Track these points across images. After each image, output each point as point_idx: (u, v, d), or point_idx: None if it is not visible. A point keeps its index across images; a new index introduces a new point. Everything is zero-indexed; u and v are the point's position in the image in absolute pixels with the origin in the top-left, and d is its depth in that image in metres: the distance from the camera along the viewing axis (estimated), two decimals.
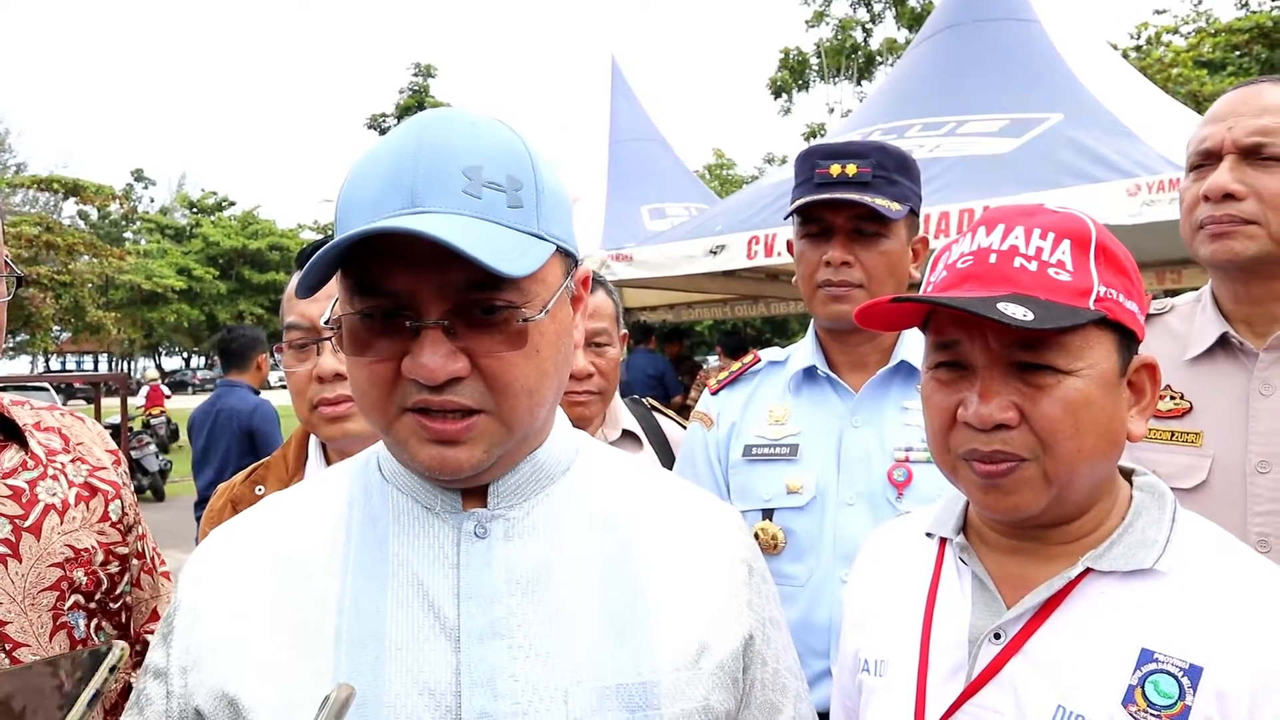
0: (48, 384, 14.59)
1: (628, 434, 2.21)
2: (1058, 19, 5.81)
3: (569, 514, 0.95)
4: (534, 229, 0.83)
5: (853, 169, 1.67)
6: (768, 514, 1.73)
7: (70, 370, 49.18)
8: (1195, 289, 1.67)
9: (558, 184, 0.89)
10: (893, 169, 1.69)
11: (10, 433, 1.36)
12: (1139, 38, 18.02)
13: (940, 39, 6.01)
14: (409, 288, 0.81)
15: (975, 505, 1.03)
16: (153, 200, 51.76)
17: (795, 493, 1.71)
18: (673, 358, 9.74)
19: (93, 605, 1.38)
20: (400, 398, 0.84)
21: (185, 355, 53.84)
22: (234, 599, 0.91)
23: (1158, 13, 18.98)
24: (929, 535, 1.12)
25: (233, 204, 41.46)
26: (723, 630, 0.94)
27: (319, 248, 1.55)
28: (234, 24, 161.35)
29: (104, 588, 1.39)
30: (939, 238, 4.48)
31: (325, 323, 1.54)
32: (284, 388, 1.68)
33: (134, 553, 1.49)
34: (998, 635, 0.98)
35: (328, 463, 1.68)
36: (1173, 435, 1.56)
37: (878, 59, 22.73)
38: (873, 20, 22.95)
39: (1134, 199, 4.14)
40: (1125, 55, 15.38)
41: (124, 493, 1.48)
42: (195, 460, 5.04)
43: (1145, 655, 0.90)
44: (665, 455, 2.25)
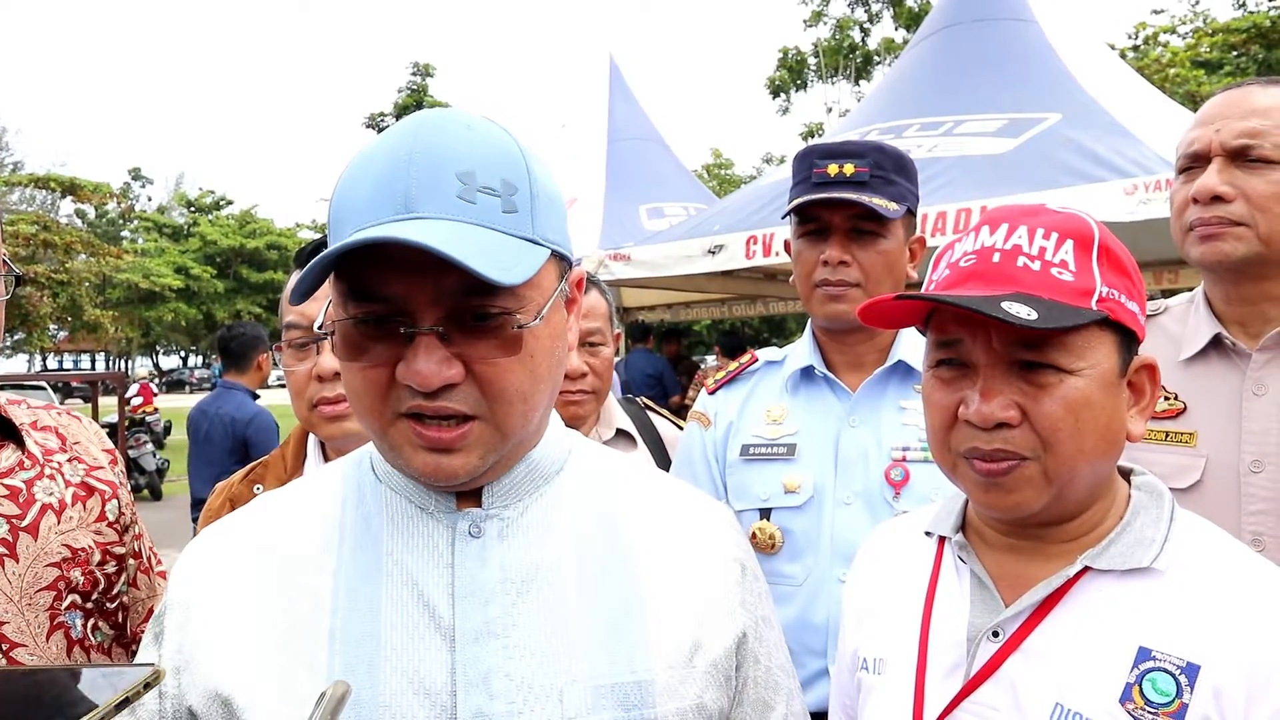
0: (45, 383, 14.60)
1: (622, 433, 2.21)
2: (1055, 19, 5.82)
3: (563, 514, 0.95)
4: (529, 234, 0.83)
5: (850, 168, 1.67)
6: (765, 513, 1.73)
7: (67, 369, 49.12)
8: (1192, 289, 1.67)
9: (552, 186, 0.89)
10: (890, 169, 1.69)
11: (7, 432, 1.36)
12: (1137, 38, 18.03)
13: (938, 39, 6.02)
14: (403, 294, 0.80)
15: (975, 504, 1.03)
16: (150, 199, 51.73)
17: (793, 492, 1.71)
18: (671, 357, 9.73)
19: (90, 605, 1.37)
20: (395, 403, 0.83)
21: (183, 354, 53.80)
22: (226, 598, 0.91)
23: (1155, 13, 19.03)
24: (928, 534, 1.13)
25: (230, 203, 41.36)
26: (716, 629, 0.95)
27: (318, 248, 1.56)
28: (232, 23, 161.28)
29: (101, 587, 1.39)
30: (936, 237, 4.49)
31: (319, 327, 1.54)
32: (283, 387, 1.67)
33: (131, 552, 1.48)
34: (996, 633, 0.99)
35: (326, 461, 1.67)
36: (1167, 435, 1.57)
37: (875, 59, 22.70)
38: (870, 20, 22.92)
39: (1131, 198, 4.15)
40: (1123, 55, 15.40)
41: (121, 492, 1.48)
42: (189, 461, 4.90)
43: (1143, 653, 0.91)
44: (659, 454, 2.25)
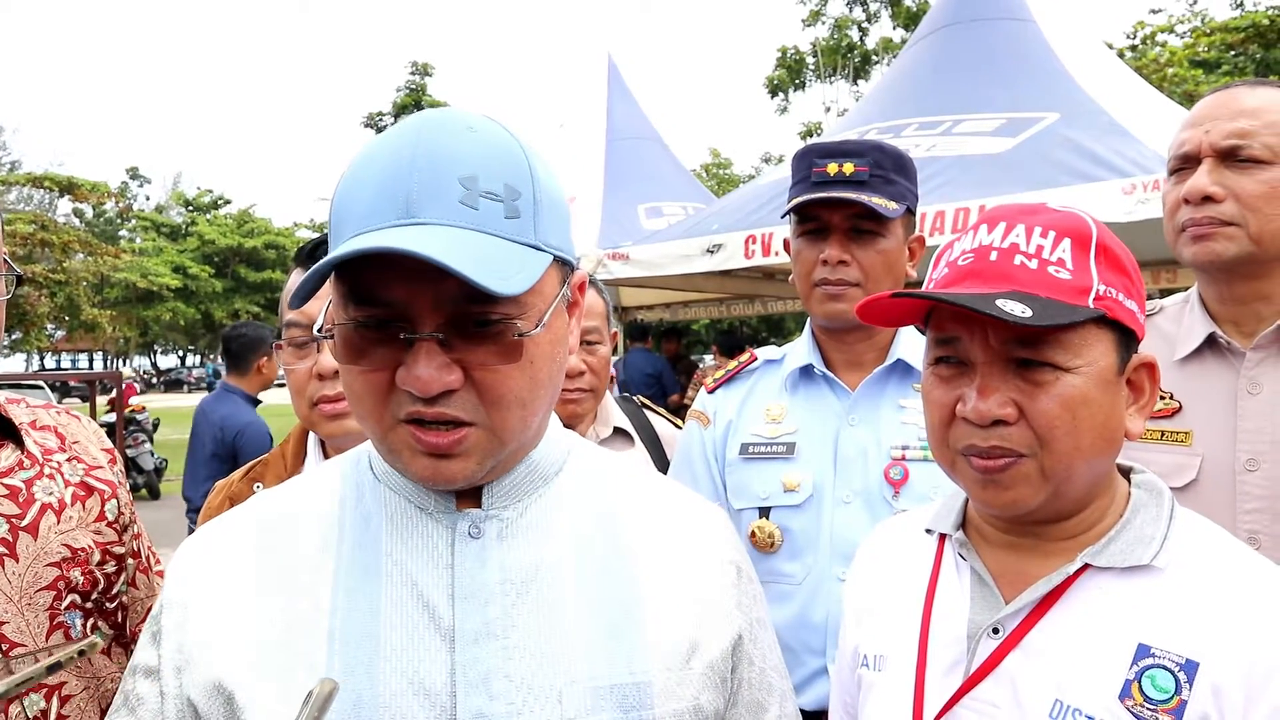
0: (43, 382, 14.58)
1: (619, 432, 2.21)
2: (1054, 18, 5.82)
3: (562, 515, 0.95)
4: (531, 240, 0.82)
5: (850, 168, 1.67)
6: (764, 512, 1.73)
7: (65, 368, 49.04)
8: (1189, 288, 1.67)
9: (555, 189, 0.88)
10: (890, 168, 1.69)
11: (7, 431, 1.36)
12: (1135, 37, 18.05)
13: (936, 38, 6.02)
14: (404, 299, 0.80)
15: (973, 500, 1.04)
16: (148, 198, 51.77)
17: (792, 491, 1.71)
18: (670, 356, 9.74)
19: (89, 605, 1.37)
20: (394, 407, 0.83)
21: (181, 353, 53.75)
22: (225, 598, 0.90)
23: (1153, 12, 19.05)
24: (928, 531, 1.13)
25: (228, 202, 41.40)
26: (713, 630, 0.95)
27: (318, 246, 1.56)
28: (230, 22, 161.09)
29: (100, 587, 1.39)
30: (935, 237, 4.49)
31: (319, 329, 1.53)
32: (282, 386, 1.67)
33: (130, 552, 1.48)
34: (996, 630, 0.99)
35: (326, 460, 1.67)
36: (1163, 435, 1.57)
37: (874, 58, 22.73)
38: (869, 19, 22.95)
39: (1129, 198, 4.15)
40: (1121, 55, 15.40)
41: (120, 492, 1.48)
42: (186, 461, 4.78)
43: (1142, 650, 0.91)
44: (656, 453, 2.25)
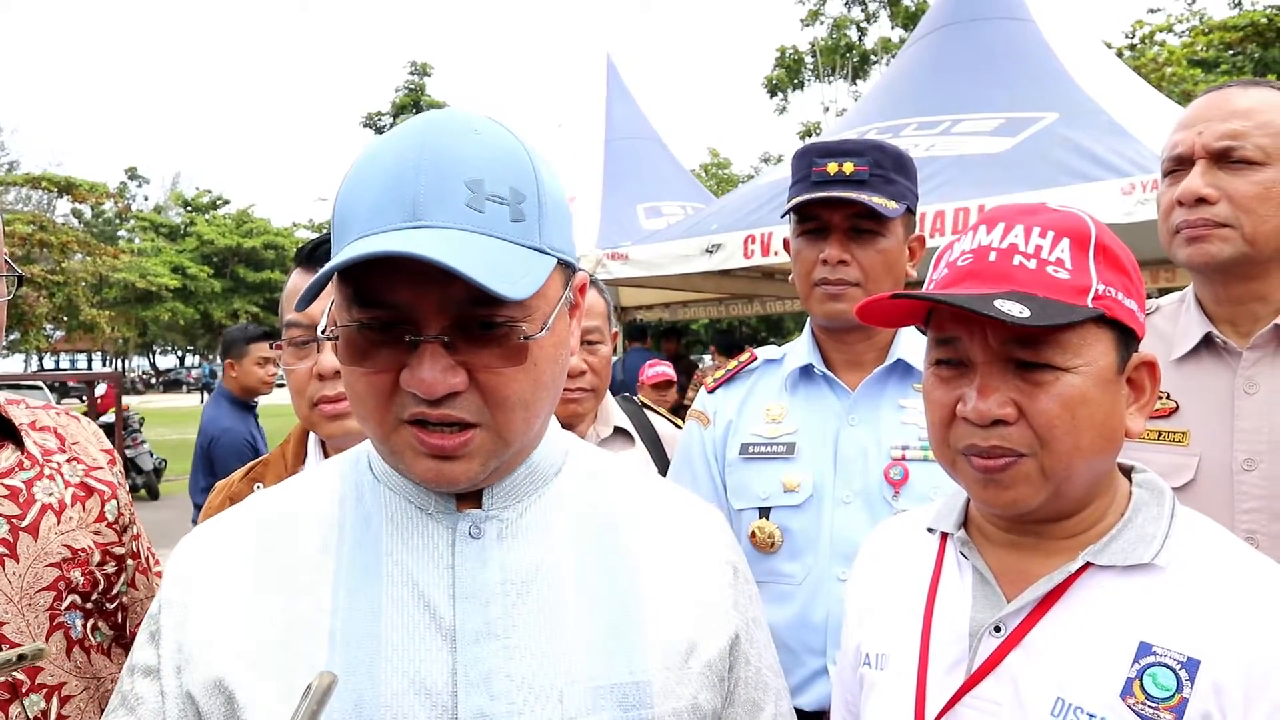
0: (42, 382, 14.58)
1: (620, 431, 2.21)
2: (1052, 18, 5.82)
3: (561, 515, 0.95)
4: (536, 243, 0.82)
5: (850, 167, 1.67)
6: (764, 512, 1.73)
7: (64, 369, 49.01)
8: (1187, 287, 1.67)
9: (559, 192, 0.88)
10: (890, 167, 1.69)
11: (7, 432, 1.36)
12: (1133, 36, 18.05)
13: (935, 38, 6.02)
14: (409, 302, 0.80)
15: (974, 500, 1.04)
16: (147, 198, 51.74)
17: (792, 491, 1.71)
18: (669, 356, 9.73)
19: (89, 605, 1.37)
20: (397, 409, 0.83)
21: (180, 353, 53.73)
22: (224, 598, 0.90)
23: (1152, 11, 19.08)
24: (930, 530, 1.13)
25: (227, 202, 41.33)
26: (711, 630, 0.95)
27: (318, 246, 1.55)
28: (229, 22, 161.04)
29: (101, 588, 1.39)
30: (935, 237, 4.49)
31: (321, 330, 1.53)
32: (282, 386, 1.67)
33: (130, 553, 1.48)
34: (998, 628, 0.99)
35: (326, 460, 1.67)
36: (1160, 435, 1.57)
37: (873, 58, 22.72)
38: (867, 19, 22.94)
39: (1129, 198, 4.16)
40: (1120, 54, 15.41)
41: (120, 493, 1.48)
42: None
43: (1144, 648, 0.91)
44: (657, 452, 2.25)
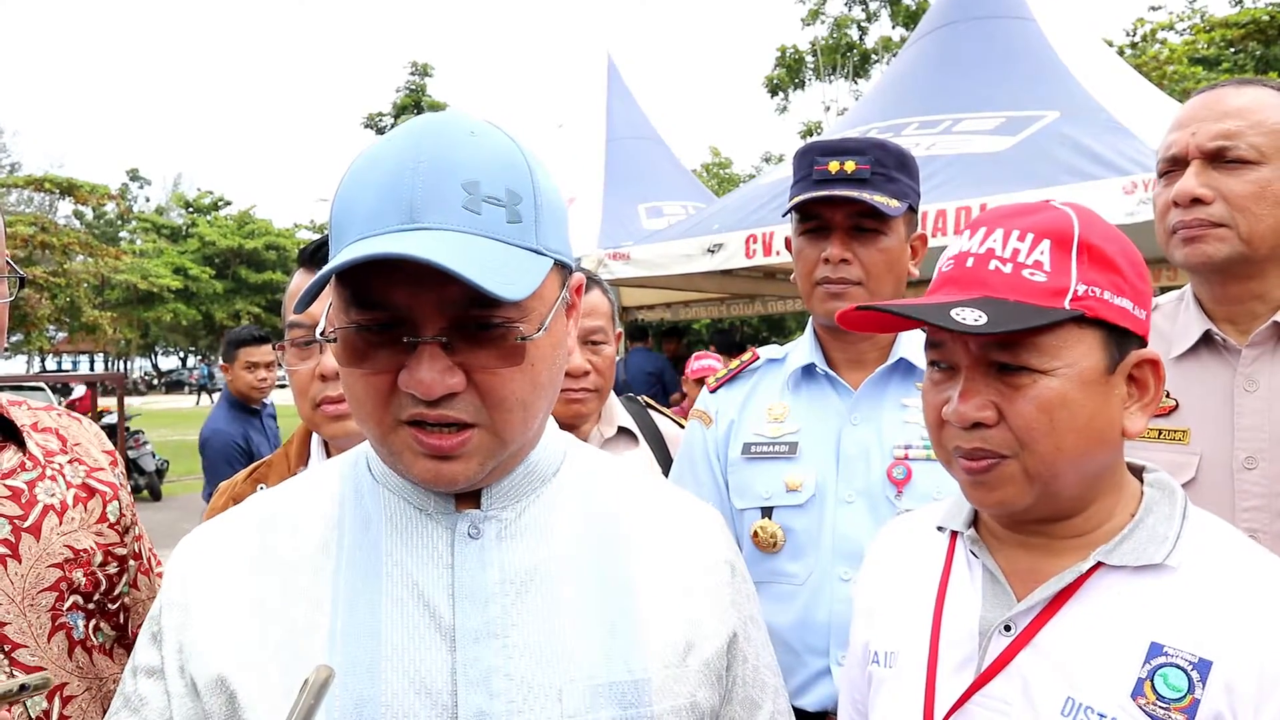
0: (43, 384, 14.57)
1: (623, 431, 2.21)
2: (1053, 16, 5.83)
3: (560, 515, 0.96)
4: (532, 244, 0.83)
5: (851, 165, 1.66)
6: (767, 512, 1.73)
7: (66, 370, 49.06)
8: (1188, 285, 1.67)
9: (555, 193, 0.89)
10: (891, 166, 1.68)
11: (9, 433, 1.36)
12: (1134, 35, 18.03)
13: (936, 37, 6.02)
14: (407, 303, 0.80)
15: (967, 499, 1.04)
16: (148, 200, 51.78)
17: (794, 491, 1.70)
18: (671, 356, 9.73)
19: (91, 606, 1.38)
20: (396, 410, 0.84)
21: (182, 354, 53.77)
22: (225, 598, 0.91)
23: (1153, 9, 19.01)
24: (940, 529, 1.13)
25: (229, 203, 41.34)
26: (709, 628, 0.96)
27: (320, 247, 1.55)
28: (230, 23, 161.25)
29: (102, 589, 1.39)
30: (936, 236, 4.49)
31: (320, 332, 1.53)
32: (284, 386, 1.67)
33: (131, 554, 1.49)
34: (1008, 627, 0.99)
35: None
36: (1160, 433, 1.57)
37: (873, 57, 22.70)
38: (868, 18, 22.92)
39: (1130, 197, 4.16)
40: (1121, 52, 15.40)
41: (121, 494, 1.48)
42: None
43: (1155, 649, 0.91)
44: (660, 452, 2.25)
